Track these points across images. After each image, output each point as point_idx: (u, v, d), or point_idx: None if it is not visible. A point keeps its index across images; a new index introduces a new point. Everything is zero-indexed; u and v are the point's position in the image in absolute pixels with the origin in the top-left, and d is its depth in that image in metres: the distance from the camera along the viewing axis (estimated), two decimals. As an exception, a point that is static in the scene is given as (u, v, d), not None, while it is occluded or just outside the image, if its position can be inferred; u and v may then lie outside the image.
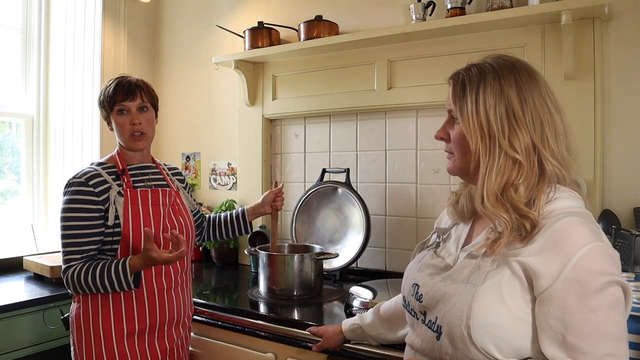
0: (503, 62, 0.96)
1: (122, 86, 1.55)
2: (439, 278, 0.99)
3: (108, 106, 1.55)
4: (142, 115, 1.57)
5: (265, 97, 2.50)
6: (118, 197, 1.51)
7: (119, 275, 1.42)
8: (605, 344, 0.79)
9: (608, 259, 0.83)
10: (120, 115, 1.55)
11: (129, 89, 1.55)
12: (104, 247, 1.50)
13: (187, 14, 2.88)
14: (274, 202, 1.90)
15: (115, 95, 1.54)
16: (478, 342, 0.86)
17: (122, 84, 1.55)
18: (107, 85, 1.57)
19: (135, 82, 1.57)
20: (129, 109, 1.55)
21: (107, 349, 1.48)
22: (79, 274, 1.43)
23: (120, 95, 1.54)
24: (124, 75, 1.60)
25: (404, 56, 2.11)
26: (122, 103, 1.54)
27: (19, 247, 2.58)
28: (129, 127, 1.55)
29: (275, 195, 1.90)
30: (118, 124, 1.55)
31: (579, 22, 1.72)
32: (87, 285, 1.43)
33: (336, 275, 2.14)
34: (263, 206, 1.90)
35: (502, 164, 0.91)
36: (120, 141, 1.59)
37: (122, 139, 1.57)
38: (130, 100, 1.54)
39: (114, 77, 1.59)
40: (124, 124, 1.55)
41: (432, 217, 2.07)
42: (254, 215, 1.91)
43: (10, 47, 2.75)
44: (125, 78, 1.58)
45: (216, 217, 1.93)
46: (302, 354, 1.58)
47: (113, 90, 1.54)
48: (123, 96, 1.54)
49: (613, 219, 1.68)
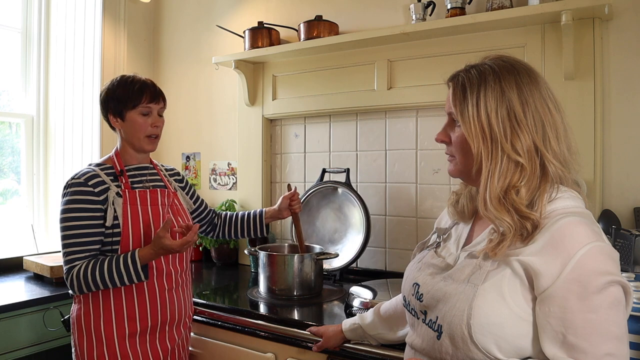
0: (503, 64, 0.96)
1: (149, 88, 1.57)
2: (439, 277, 1.00)
3: (130, 103, 1.54)
4: (160, 120, 1.60)
5: (265, 97, 2.50)
6: (117, 198, 1.50)
7: (128, 267, 1.42)
8: (605, 344, 0.79)
9: (608, 259, 0.83)
10: (142, 115, 1.55)
11: (154, 92, 1.58)
12: (104, 247, 1.50)
13: (187, 14, 2.88)
14: (290, 206, 1.88)
15: (142, 95, 1.54)
16: (479, 341, 0.87)
17: (147, 85, 1.57)
18: (128, 82, 1.56)
19: (158, 87, 1.60)
20: (152, 112, 1.57)
21: (109, 349, 1.48)
22: (85, 271, 1.42)
23: (147, 96, 1.55)
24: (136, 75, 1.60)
25: (403, 56, 2.11)
26: (148, 104, 1.55)
27: (19, 247, 2.58)
28: (148, 129, 1.56)
29: (290, 200, 1.88)
30: (137, 123, 1.55)
31: (579, 22, 1.72)
32: (95, 282, 1.42)
33: (336, 275, 2.14)
34: (281, 212, 1.88)
35: (505, 167, 0.91)
36: (130, 140, 1.58)
37: (135, 139, 1.57)
38: (156, 103, 1.57)
39: (130, 75, 1.59)
40: (145, 125, 1.56)
41: (432, 217, 2.07)
42: (271, 219, 1.90)
43: (10, 47, 2.75)
44: (147, 80, 1.59)
45: (232, 215, 1.93)
46: (302, 354, 1.58)
47: (139, 90, 1.55)
48: (150, 97, 1.56)
49: (613, 219, 1.68)
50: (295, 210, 1.89)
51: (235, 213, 1.93)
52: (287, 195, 1.88)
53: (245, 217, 1.90)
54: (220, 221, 1.92)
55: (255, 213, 1.90)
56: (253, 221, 1.89)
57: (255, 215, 1.89)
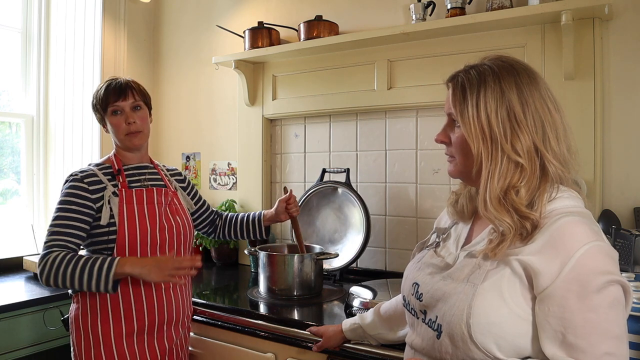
0: (502, 64, 0.96)
1: (113, 87, 1.56)
2: (439, 277, 1.00)
3: (101, 109, 1.57)
4: (136, 114, 1.58)
5: (265, 97, 2.50)
6: (113, 197, 1.51)
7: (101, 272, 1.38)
8: (605, 343, 0.80)
9: (608, 259, 0.83)
10: (114, 115, 1.56)
11: (120, 89, 1.56)
12: (99, 246, 1.50)
13: (187, 14, 2.88)
14: (287, 209, 1.85)
15: (108, 97, 1.55)
16: (478, 340, 0.87)
17: (112, 85, 1.57)
18: (98, 89, 1.59)
19: (125, 83, 1.58)
20: (123, 109, 1.56)
21: (106, 349, 1.48)
22: (61, 261, 1.38)
23: (112, 96, 1.55)
24: (113, 77, 1.62)
25: (404, 56, 2.11)
26: (115, 104, 1.55)
27: (19, 247, 2.59)
28: (124, 127, 1.56)
29: (286, 203, 1.85)
30: (113, 124, 1.57)
31: (579, 22, 1.72)
32: (64, 275, 1.38)
33: (336, 275, 2.14)
34: (278, 216, 1.86)
35: (505, 168, 0.91)
36: (116, 141, 1.60)
37: (118, 139, 1.59)
38: (123, 100, 1.56)
39: (103, 81, 1.62)
40: (119, 124, 1.56)
41: (432, 217, 2.06)
42: (269, 222, 1.89)
43: (10, 47, 2.75)
44: (115, 80, 1.59)
45: (233, 216, 1.92)
46: (302, 354, 1.58)
47: (104, 93, 1.56)
48: (115, 97, 1.55)
49: (613, 219, 1.68)
50: (293, 214, 1.87)
51: (236, 215, 1.93)
52: (283, 198, 1.86)
53: (245, 219, 1.90)
54: (221, 222, 1.92)
55: (254, 216, 1.89)
56: (252, 224, 1.88)
57: (255, 219, 1.88)
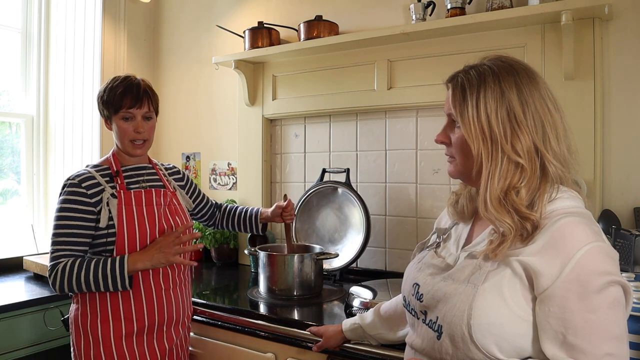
0: (502, 64, 0.96)
1: (131, 91, 1.51)
2: (439, 278, 0.99)
3: (112, 108, 1.52)
4: (147, 124, 1.56)
5: (265, 97, 2.50)
6: (112, 199, 1.50)
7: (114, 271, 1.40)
8: (605, 344, 0.79)
9: (608, 259, 0.83)
10: (124, 121, 1.53)
11: (137, 95, 1.52)
12: (98, 249, 1.49)
13: (187, 14, 2.88)
14: (282, 215, 1.86)
15: (122, 100, 1.51)
16: (479, 341, 0.87)
17: (130, 88, 1.52)
18: (113, 85, 1.53)
19: (143, 89, 1.54)
20: (134, 117, 1.53)
21: (106, 350, 1.48)
22: (71, 268, 1.40)
23: (127, 100, 1.51)
24: (130, 76, 1.56)
25: (404, 56, 2.11)
26: (128, 110, 1.51)
27: (19, 247, 2.59)
28: (131, 134, 1.53)
29: (282, 211, 1.86)
30: (121, 129, 1.53)
31: (579, 22, 1.72)
32: (78, 281, 1.40)
33: (336, 275, 2.14)
34: (273, 218, 1.88)
35: (505, 168, 0.91)
36: (118, 144, 1.58)
37: (122, 143, 1.56)
38: (138, 107, 1.52)
39: (120, 77, 1.55)
40: (127, 130, 1.53)
41: (432, 217, 2.07)
42: (265, 220, 1.91)
43: (10, 47, 2.75)
44: (133, 81, 1.54)
45: (232, 208, 1.95)
46: (302, 354, 1.58)
47: (120, 95, 1.51)
48: (131, 102, 1.51)
49: (613, 219, 1.68)
50: (287, 221, 1.89)
51: (235, 207, 1.95)
52: (280, 205, 1.87)
53: (242, 214, 1.92)
54: (219, 214, 1.94)
55: (252, 212, 1.91)
56: (249, 220, 1.91)
57: (252, 215, 1.91)
